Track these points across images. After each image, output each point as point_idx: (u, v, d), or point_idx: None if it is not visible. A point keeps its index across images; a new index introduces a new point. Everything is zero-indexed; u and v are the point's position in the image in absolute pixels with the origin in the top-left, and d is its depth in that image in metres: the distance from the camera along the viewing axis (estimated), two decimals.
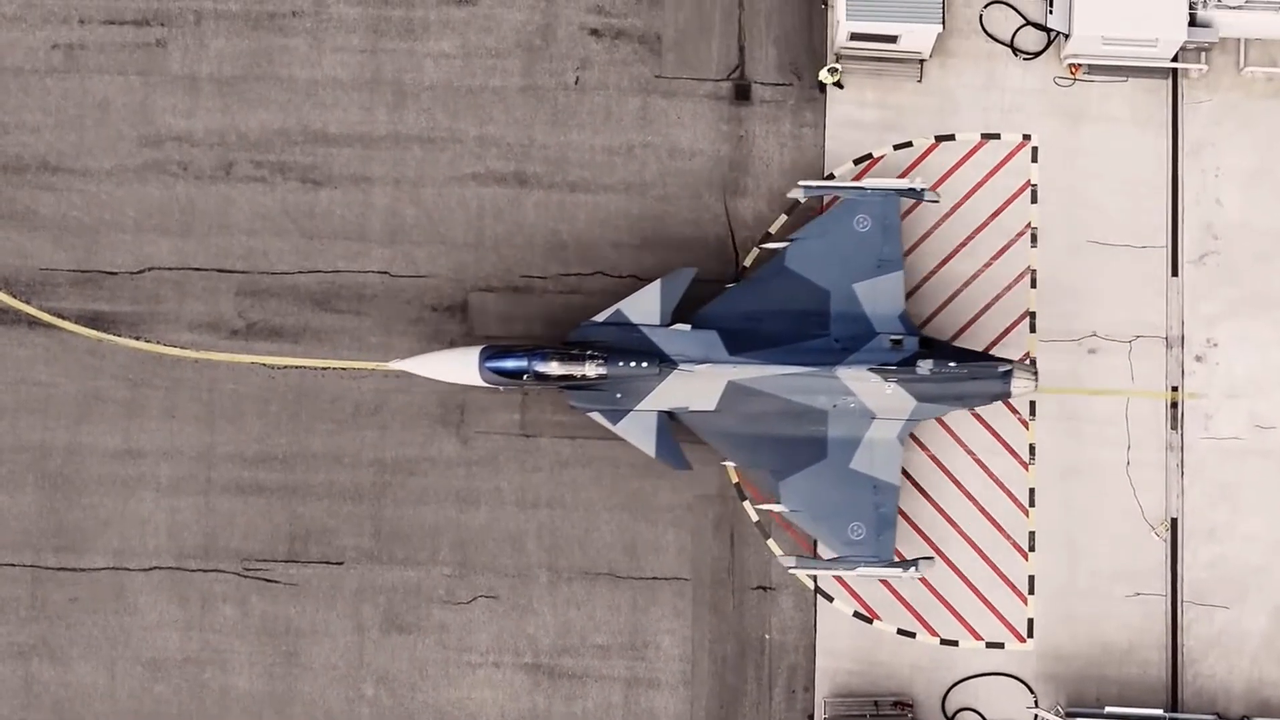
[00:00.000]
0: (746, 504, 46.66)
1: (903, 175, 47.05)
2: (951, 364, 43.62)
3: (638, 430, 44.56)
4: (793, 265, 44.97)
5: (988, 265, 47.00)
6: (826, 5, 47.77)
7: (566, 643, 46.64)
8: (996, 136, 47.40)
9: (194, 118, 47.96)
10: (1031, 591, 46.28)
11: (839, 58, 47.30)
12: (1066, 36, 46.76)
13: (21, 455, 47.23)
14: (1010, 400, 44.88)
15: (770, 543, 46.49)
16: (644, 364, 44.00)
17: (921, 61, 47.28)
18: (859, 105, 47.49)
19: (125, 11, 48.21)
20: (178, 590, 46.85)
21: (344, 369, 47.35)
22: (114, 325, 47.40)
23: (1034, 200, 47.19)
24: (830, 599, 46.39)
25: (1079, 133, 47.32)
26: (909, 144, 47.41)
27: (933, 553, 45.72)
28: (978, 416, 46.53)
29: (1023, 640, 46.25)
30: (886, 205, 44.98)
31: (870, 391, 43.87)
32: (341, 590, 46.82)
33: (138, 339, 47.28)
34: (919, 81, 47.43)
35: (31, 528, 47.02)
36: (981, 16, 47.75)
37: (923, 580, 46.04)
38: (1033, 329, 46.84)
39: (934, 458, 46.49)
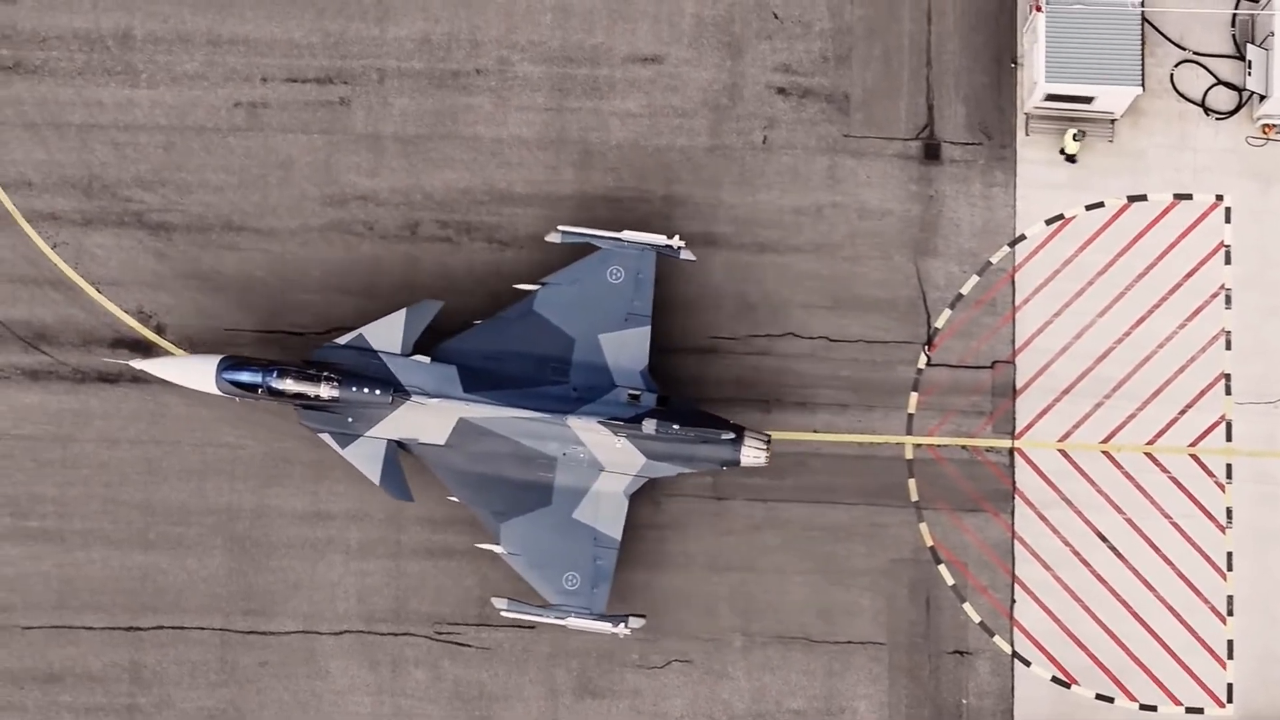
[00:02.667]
0: (942, 567, 46.42)
1: (1094, 236, 46.82)
2: (676, 426, 43.53)
3: (365, 456, 44.35)
4: (541, 309, 44.85)
5: (1181, 327, 46.78)
6: (1016, 64, 47.51)
7: (761, 708, 46.39)
8: (1189, 197, 47.17)
9: (378, 177, 47.65)
10: (1230, 656, 46.07)
11: (1030, 117, 47.08)
12: (1262, 98, 46.52)
13: (209, 518, 46.93)
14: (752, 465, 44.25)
15: (966, 606, 46.27)
16: (377, 391, 43.74)
17: (1113, 121, 47.04)
18: (1049, 165, 47.26)
19: (308, 70, 47.88)
20: (368, 654, 46.55)
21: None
22: None
23: (1228, 261, 46.97)
24: (1028, 663, 46.15)
25: (1272, 193, 47.10)
26: (1100, 204, 47.18)
27: (644, 613, 45.30)
28: (1175, 481, 46.32)
29: (1222, 705, 46.05)
30: (642, 260, 44.93)
31: (600, 443, 43.87)
32: (534, 654, 46.53)
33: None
34: (1110, 141, 47.18)
35: (220, 591, 46.73)
36: (1172, 76, 47.50)
37: (1121, 644, 45.81)
38: (1228, 391, 46.63)
39: (1130, 520, 46.26)
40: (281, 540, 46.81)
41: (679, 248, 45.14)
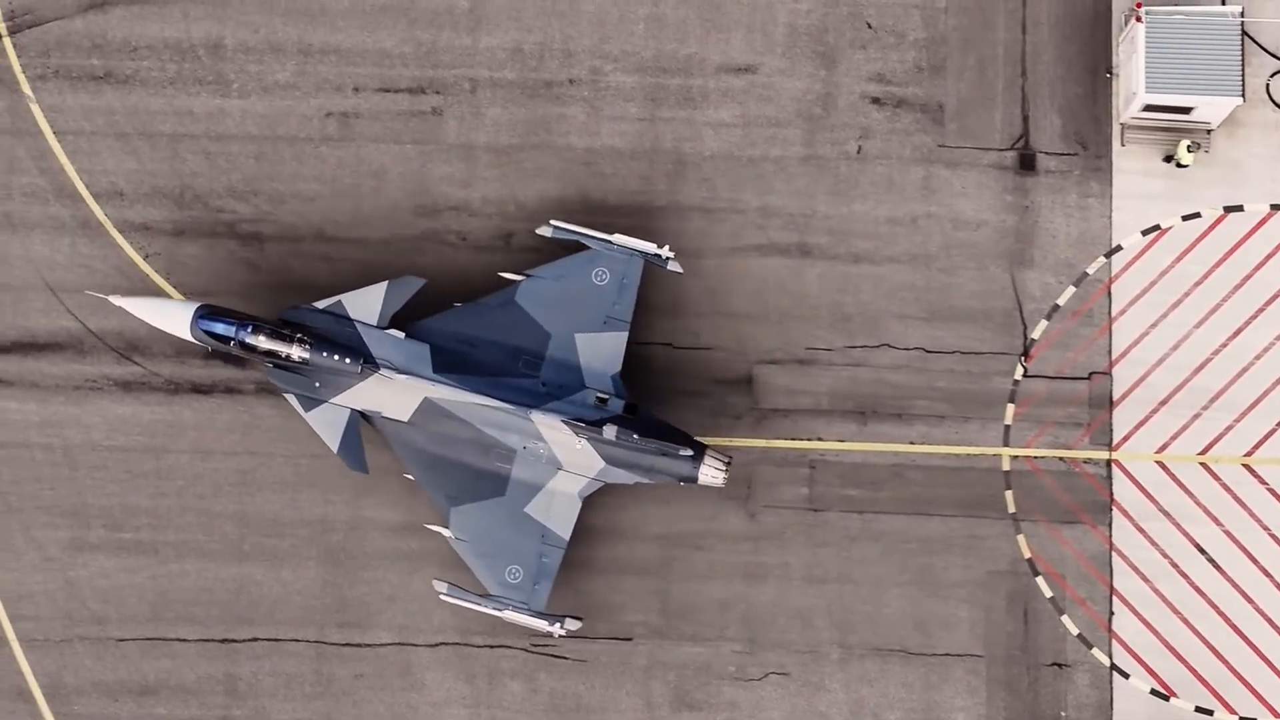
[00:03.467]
0: (1040, 579, 46.27)
1: (1191, 247, 46.67)
2: (636, 435, 43.60)
3: (327, 423, 44.46)
4: (522, 301, 44.83)
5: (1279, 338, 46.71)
6: (1111, 74, 47.33)
7: None
8: None
9: (471, 187, 47.47)
10: None
11: (1125, 128, 46.91)
12: None
13: (303, 530, 46.75)
14: (710, 485, 44.29)
15: (1064, 618, 46.13)
16: (347, 360, 43.84)
17: (1209, 131, 46.87)
18: (1145, 175, 47.10)
19: (400, 80, 47.70)
20: (464, 666, 46.39)
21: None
22: None
23: None
24: (1126, 676, 46.01)
25: None
26: (1197, 215, 47.02)
27: (581, 616, 45.23)
28: (1274, 493, 46.18)
29: None
30: (630, 265, 44.94)
31: (561, 442, 43.85)
32: (630, 667, 46.38)
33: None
34: (1206, 152, 47.00)
35: (315, 603, 46.55)
36: (1269, 86, 47.33)
37: (1220, 656, 45.67)
38: None
39: (1228, 533, 46.12)
40: (376, 552, 46.65)
41: (667, 258, 45.07)
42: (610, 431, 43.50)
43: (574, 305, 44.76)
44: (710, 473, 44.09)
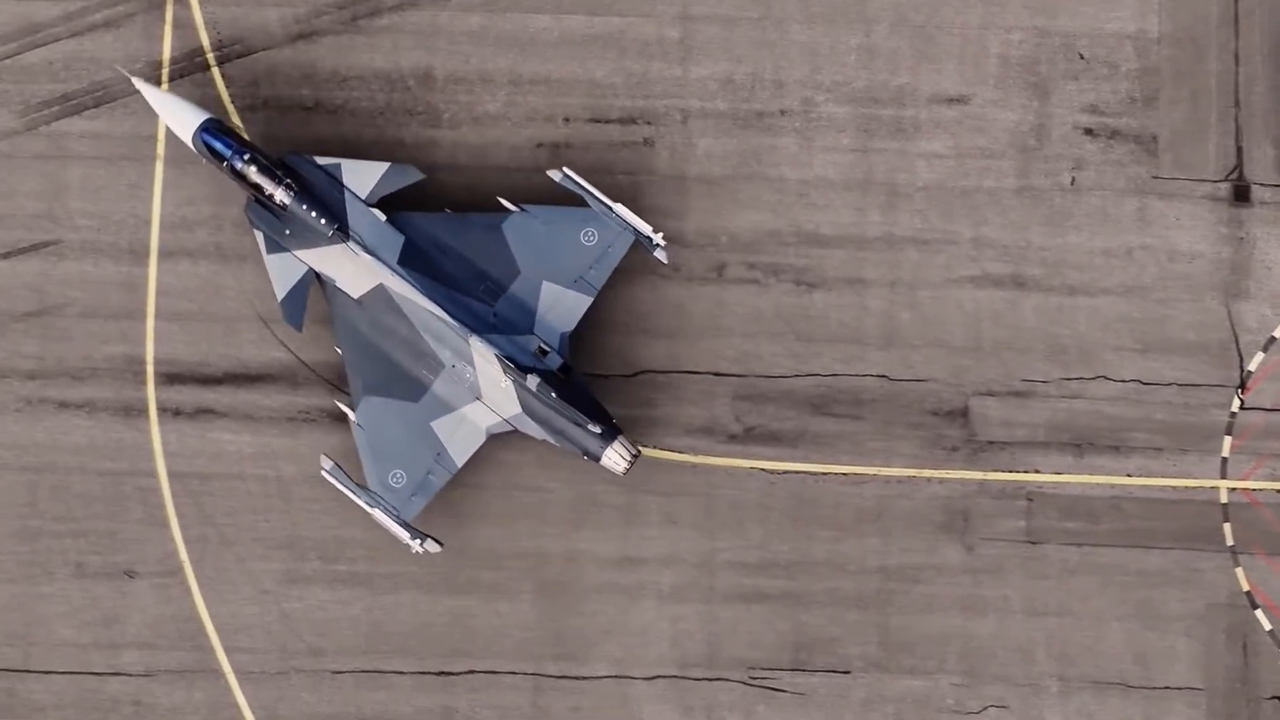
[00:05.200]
0: (1259, 612, 46.20)
1: None
2: (554, 395, 43.83)
3: (282, 271, 44.63)
4: (507, 231, 44.98)
5: None
6: None
7: None
8: None
9: (684, 218, 47.32)
10: None
11: None
12: None
13: (519, 562, 46.62)
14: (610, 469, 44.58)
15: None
16: (323, 221, 44.03)
17: None
18: None
19: (610, 110, 47.54)
20: (682, 699, 46.27)
21: (844, 474, 46.77)
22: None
23: None
24: None
25: None
26: None
27: (442, 542, 45.36)
28: None
29: None
30: (620, 238, 45.05)
31: (488, 374, 44.04)
32: (849, 700, 46.28)
33: (634, 444, 46.66)
34: None
35: (531, 636, 46.42)
36: None
37: None
38: None
39: None
40: (592, 584, 46.53)
41: (657, 244, 45.07)
42: (534, 381, 43.77)
43: (554, 254, 44.99)
44: (614, 458, 44.29)
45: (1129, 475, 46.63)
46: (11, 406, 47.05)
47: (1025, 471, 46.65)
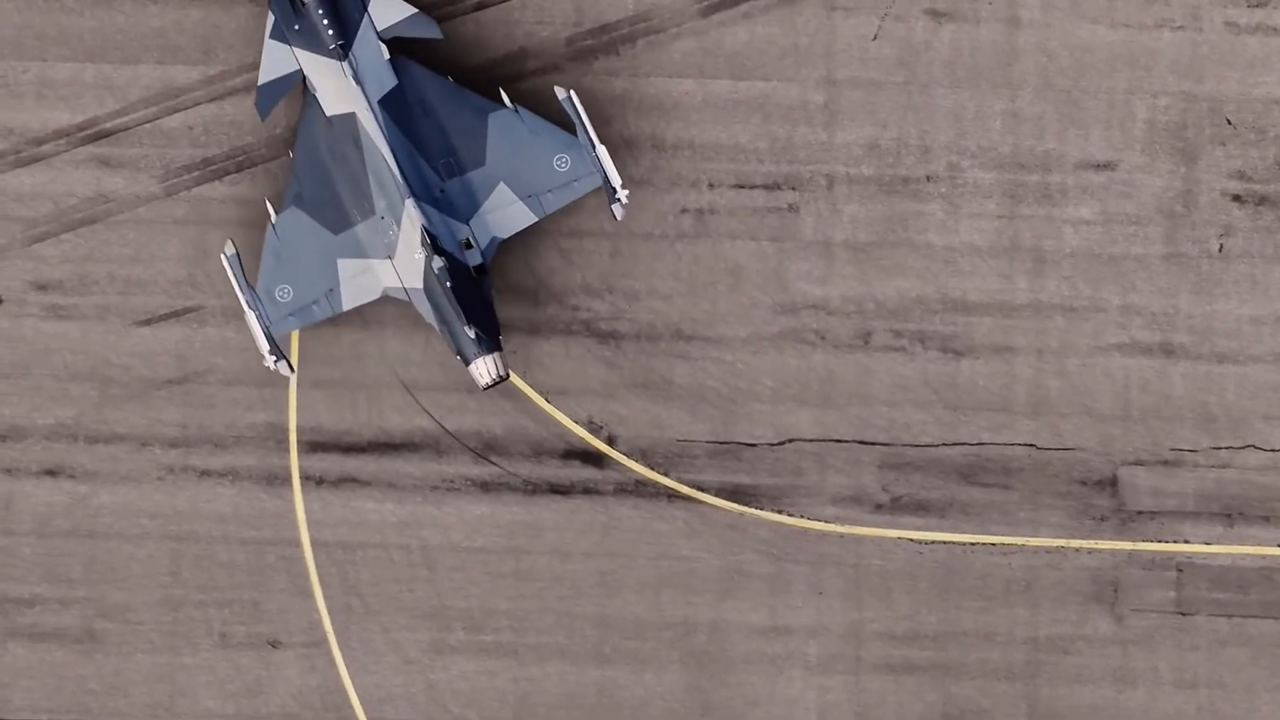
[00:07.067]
0: None
1: None
2: (450, 284, 43.55)
3: (277, 60, 44.29)
4: (491, 121, 44.71)
5: None
6: None
7: None
8: None
9: (829, 285, 46.99)
10: None
11: None
12: None
13: (665, 632, 46.35)
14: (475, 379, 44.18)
15: None
16: (331, 32, 43.90)
17: None
18: None
19: (755, 175, 47.17)
20: None
21: (993, 544, 46.47)
22: (755, 498, 46.52)
23: None
24: None
25: None
26: None
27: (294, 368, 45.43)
28: None
29: None
30: (587, 178, 44.80)
31: (408, 240, 43.88)
32: None
33: (780, 513, 46.39)
34: None
35: (678, 706, 46.18)
36: None
37: None
38: None
39: None
40: (739, 655, 46.25)
41: (618, 198, 44.83)
42: (438, 263, 43.63)
43: (523, 162, 44.77)
44: (481, 368, 43.85)
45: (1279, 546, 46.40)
46: (154, 475, 46.76)
47: (1175, 541, 46.37)
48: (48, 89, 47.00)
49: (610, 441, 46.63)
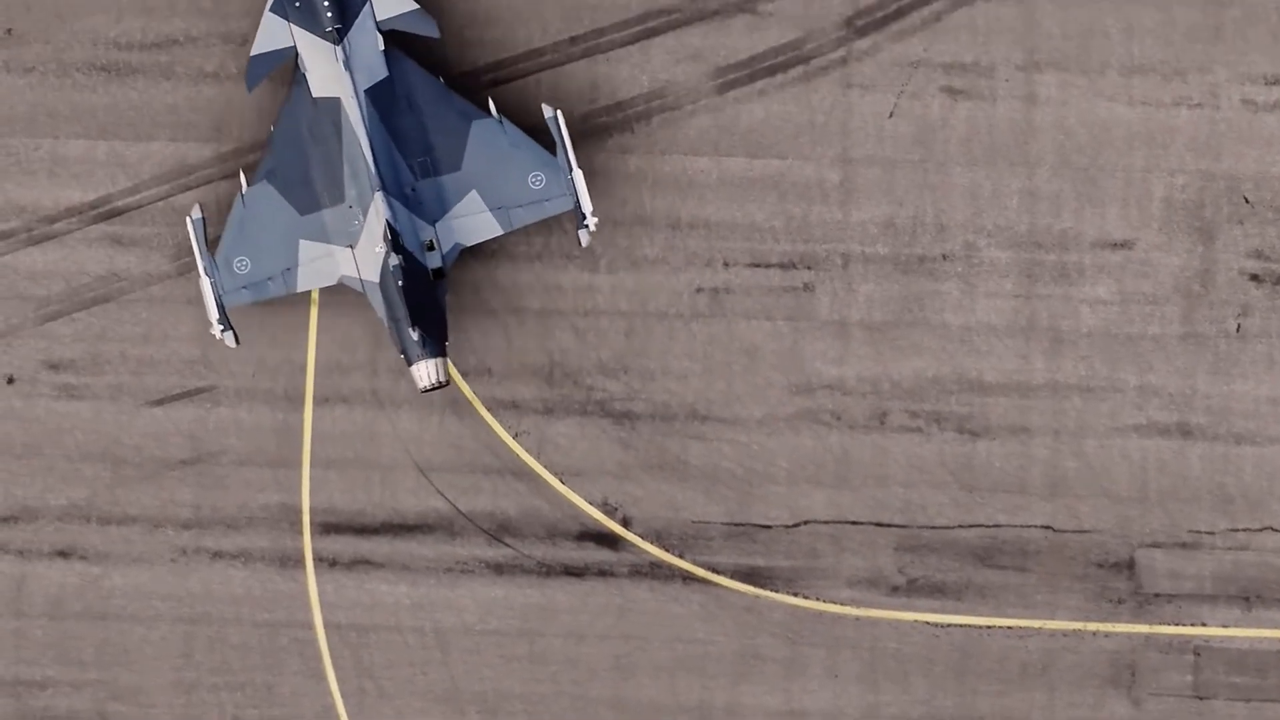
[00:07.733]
0: None
1: None
2: (401, 284, 43.25)
3: (271, 32, 44.07)
4: (474, 128, 44.55)
5: None
6: None
7: None
8: None
9: (845, 365, 46.74)
10: None
11: None
12: None
13: (681, 716, 46.17)
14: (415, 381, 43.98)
15: None
16: (330, 14, 43.80)
17: None
18: None
19: (770, 254, 46.93)
20: None
21: (1010, 627, 46.24)
22: (771, 581, 46.30)
23: None
24: None
25: None
26: None
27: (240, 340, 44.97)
28: None
29: None
30: (560, 199, 44.60)
31: (371, 233, 43.72)
32: None
33: (795, 595, 46.17)
34: None
35: None
36: None
37: None
38: None
39: None
40: None
41: (586, 224, 44.64)
42: (394, 260, 43.42)
43: (498, 173, 44.59)
44: (422, 371, 43.47)
45: None
46: (167, 556, 46.58)
47: (1192, 625, 46.14)
48: (60, 166, 46.83)
49: (625, 523, 46.41)
